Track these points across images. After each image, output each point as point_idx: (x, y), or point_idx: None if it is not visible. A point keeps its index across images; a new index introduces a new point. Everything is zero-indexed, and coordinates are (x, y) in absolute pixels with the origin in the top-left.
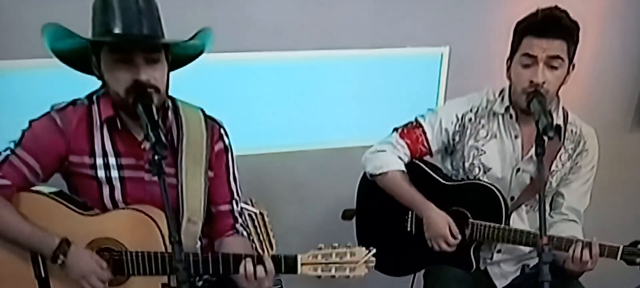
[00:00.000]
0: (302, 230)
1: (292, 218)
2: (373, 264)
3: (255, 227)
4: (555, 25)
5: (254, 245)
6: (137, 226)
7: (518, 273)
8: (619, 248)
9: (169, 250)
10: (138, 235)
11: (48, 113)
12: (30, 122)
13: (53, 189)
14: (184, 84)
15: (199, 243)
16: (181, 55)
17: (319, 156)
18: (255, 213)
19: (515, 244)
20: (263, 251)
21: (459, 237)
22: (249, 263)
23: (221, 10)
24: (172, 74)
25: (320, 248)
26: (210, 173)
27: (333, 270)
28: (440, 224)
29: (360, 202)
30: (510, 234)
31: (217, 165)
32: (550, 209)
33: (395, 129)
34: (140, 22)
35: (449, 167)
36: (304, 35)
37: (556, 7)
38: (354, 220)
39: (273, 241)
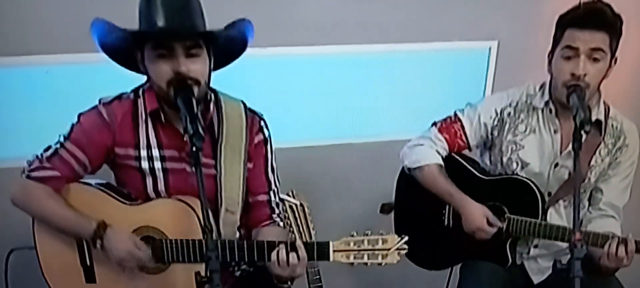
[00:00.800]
0: (343, 223)
1: (333, 211)
2: (405, 251)
3: (295, 218)
4: (597, 17)
5: (293, 235)
6: (177, 215)
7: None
8: None
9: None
10: (178, 223)
11: (95, 107)
12: (79, 115)
13: (100, 181)
14: (230, 78)
15: (238, 233)
16: (225, 51)
17: (363, 149)
18: (296, 205)
19: (551, 240)
20: (304, 239)
21: (498, 224)
22: (282, 250)
23: (266, 6)
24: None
25: (352, 235)
26: (249, 164)
27: (366, 257)
28: (478, 216)
29: (398, 196)
30: (546, 229)
31: (256, 156)
32: (589, 205)
33: (434, 123)
34: (181, 16)
35: (488, 161)
36: (350, 30)
37: (599, 0)
38: (392, 214)
39: (312, 232)
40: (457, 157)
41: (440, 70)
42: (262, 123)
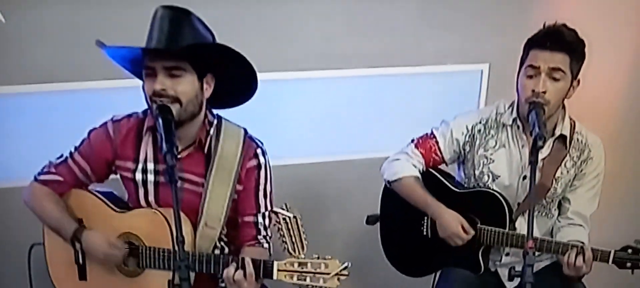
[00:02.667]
0: (344, 236)
1: (335, 225)
2: (345, 278)
3: (288, 229)
4: (558, 39)
5: (285, 246)
6: (154, 225)
7: None
8: (610, 252)
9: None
10: (155, 233)
11: (105, 123)
12: (90, 130)
13: (105, 190)
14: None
15: (226, 249)
16: (230, 83)
17: (363, 165)
18: (289, 217)
19: (517, 247)
20: (294, 252)
21: (472, 231)
22: (231, 267)
23: (271, 35)
24: None
25: (298, 257)
26: (239, 187)
27: (308, 279)
28: (452, 223)
29: (383, 208)
30: (512, 238)
31: (247, 180)
32: (558, 214)
33: (412, 140)
34: (164, 38)
35: (462, 175)
36: (349, 54)
37: (563, 25)
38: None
39: (305, 244)
40: (434, 172)
41: (436, 92)
42: (258, 150)
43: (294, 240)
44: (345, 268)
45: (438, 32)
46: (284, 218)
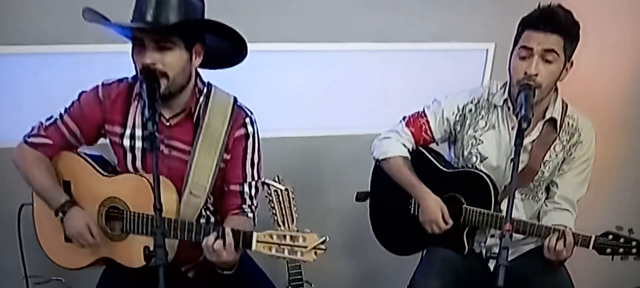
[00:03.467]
0: (340, 212)
1: (331, 200)
2: (322, 252)
3: (279, 202)
4: (552, 20)
5: (275, 218)
6: (139, 190)
7: (512, 257)
8: (591, 237)
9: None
10: (139, 198)
11: (96, 86)
12: (80, 93)
13: (94, 153)
14: (241, 70)
15: (212, 218)
16: (218, 50)
17: (362, 141)
18: (281, 190)
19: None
20: (284, 224)
21: (451, 222)
22: (211, 236)
23: (275, 4)
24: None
25: (277, 229)
26: (227, 155)
27: (286, 252)
28: (433, 209)
29: (373, 185)
30: (496, 220)
31: (234, 149)
32: (546, 198)
33: (404, 118)
34: (152, 11)
35: (452, 155)
36: (355, 28)
37: (558, 5)
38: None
39: (295, 217)
40: (424, 151)
41: (439, 70)
42: (247, 119)
43: (284, 212)
44: (323, 242)
45: (444, 9)
46: (276, 191)
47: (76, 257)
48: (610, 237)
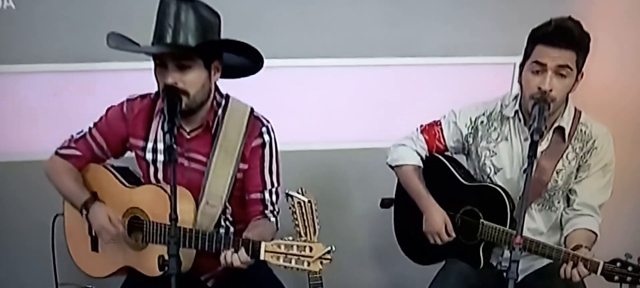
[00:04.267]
0: (367, 222)
1: (358, 211)
2: (328, 262)
3: (302, 213)
4: (566, 36)
5: (298, 229)
6: (158, 200)
7: (528, 271)
8: (599, 263)
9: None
10: (158, 208)
11: (122, 102)
12: (108, 108)
13: (120, 165)
14: (265, 84)
15: (232, 228)
16: (234, 64)
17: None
18: (304, 202)
19: (525, 251)
20: (306, 235)
21: (453, 235)
22: (228, 253)
23: (301, 20)
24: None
25: (286, 239)
26: (244, 165)
27: (293, 262)
28: (437, 220)
29: (397, 192)
30: (510, 238)
31: (252, 159)
32: (567, 206)
33: (421, 125)
34: (171, 33)
35: (469, 167)
36: (380, 42)
37: (569, 18)
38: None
39: (317, 228)
40: (445, 161)
41: (468, 84)
42: (264, 129)
43: (306, 224)
44: (329, 252)
45: (472, 23)
46: (299, 202)
47: (101, 266)
48: (618, 264)
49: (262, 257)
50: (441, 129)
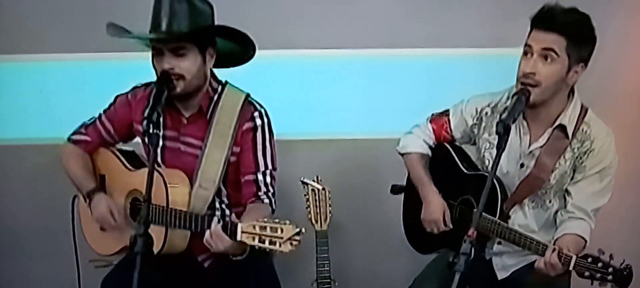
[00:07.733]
0: (382, 214)
1: (371, 200)
2: (297, 243)
3: (315, 200)
4: (549, 19)
5: (309, 216)
6: (155, 183)
7: (518, 266)
8: (571, 257)
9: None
10: (154, 190)
11: (129, 89)
12: (116, 96)
13: (127, 149)
14: (275, 76)
15: (228, 211)
16: (227, 52)
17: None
18: (318, 189)
19: (504, 239)
20: (317, 222)
21: (450, 225)
22: (207, 233)
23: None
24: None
25: (261, 221)
26: (236, 149)
27: (266, 242)
28: (436, 209)
29: (408, 180)
30: (498, 228)
31: (243, 142)
32: (563, 207)
33: (431, 115)
34: (166, 21)
35: (474, 157)
36: (404, 34)
37: (563, 7)
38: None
39: (329, 216)
40: (450, 149)
41: (472, 75)
42: (256, 113)
43: (318, 210)
44: (298, 233)
45: (478, 15)
46: (313, 189)
47: (108, 245)
48: (590, 259)
49: (238, 238)
50: (449, 119)
